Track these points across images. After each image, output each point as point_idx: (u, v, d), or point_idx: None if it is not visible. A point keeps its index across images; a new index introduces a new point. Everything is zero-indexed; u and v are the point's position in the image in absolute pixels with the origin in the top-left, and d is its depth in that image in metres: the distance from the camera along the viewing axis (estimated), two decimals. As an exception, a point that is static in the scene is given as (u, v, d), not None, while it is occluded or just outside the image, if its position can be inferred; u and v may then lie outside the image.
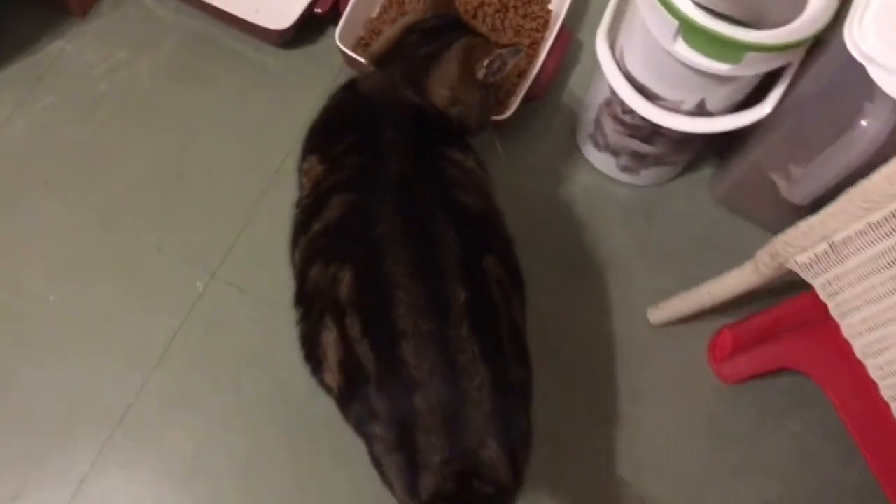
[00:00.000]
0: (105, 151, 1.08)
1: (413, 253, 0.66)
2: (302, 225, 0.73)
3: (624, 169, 1.07)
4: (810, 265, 0.71)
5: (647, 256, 1.06)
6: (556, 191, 1.10)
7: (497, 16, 1.14)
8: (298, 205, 0.77)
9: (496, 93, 0.86)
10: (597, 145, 1.06)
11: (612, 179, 1.10)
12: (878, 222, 0.63)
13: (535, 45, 1.12)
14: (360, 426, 0.69)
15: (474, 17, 1.14)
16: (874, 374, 0.70)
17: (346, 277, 0.66)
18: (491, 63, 0.79)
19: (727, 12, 0.75)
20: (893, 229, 0.62)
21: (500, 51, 0.79)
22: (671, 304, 0.97)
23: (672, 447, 0.98)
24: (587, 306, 1.04)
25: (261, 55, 1.14)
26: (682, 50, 0.77)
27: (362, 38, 1.13)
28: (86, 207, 1.05)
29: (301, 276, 0.72)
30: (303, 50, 1.15)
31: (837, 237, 0.67)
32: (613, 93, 0.92)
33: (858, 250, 0.66)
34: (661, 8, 0.75)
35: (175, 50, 1.14)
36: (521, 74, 1.09)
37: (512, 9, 1.14)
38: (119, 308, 1.00)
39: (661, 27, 0.77)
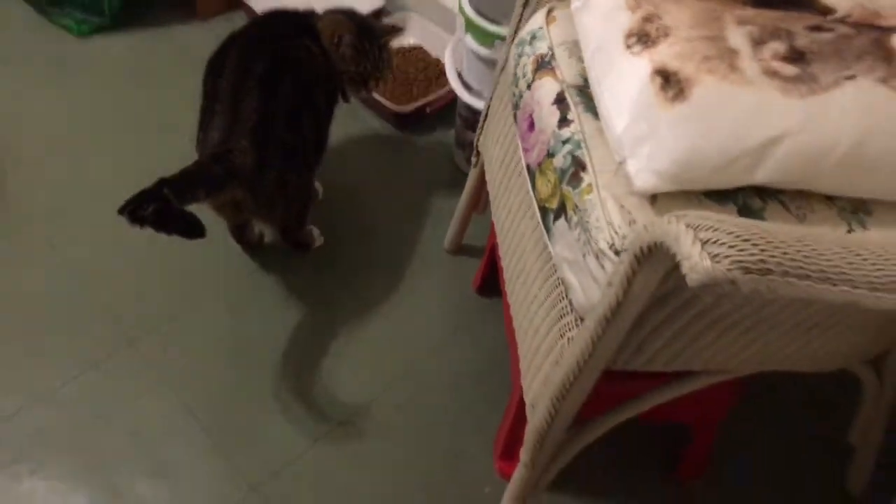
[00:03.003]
0: (177, 74, 1.75)
1: (245, 48, 1.26)
2: None
3: (468, 162, 1.60)
4: (482, 139, 1.21)
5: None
6: (428, 167, 1.67)
7: (430, 78, 1.79)
8: None
9: (350, 64, 1.36)
10: (456, 143, 1.62)
11: (463, 172, 1.63)
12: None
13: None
14: (198, 143, 1.23)
15: (416, 77, 1.79)
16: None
17: (215, 62, 1.27)
18: (338, 39, 1.33)
19: (495, 18, 1.33)
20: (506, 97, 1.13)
21: (343, 35, 1.33)
22: (451, 226, 1.46)
23: (428, 321, 1.42)
24: (414, 233, 1.54)
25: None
26: (468, 40, 1.37)
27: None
28: (155, 102, 1.71)
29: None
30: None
31: (489, 110, 1.18)
32: (457, 95, 1.50)
33: (492, 114, 1.16)
34: (459, 13, 1.36)
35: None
36: (427, 93, 1.70)
37: (435, 80, 1.79)
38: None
39: (460, 25, 1.37)
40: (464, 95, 1.46)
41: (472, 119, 1.51)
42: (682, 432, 1.20)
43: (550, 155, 0.90)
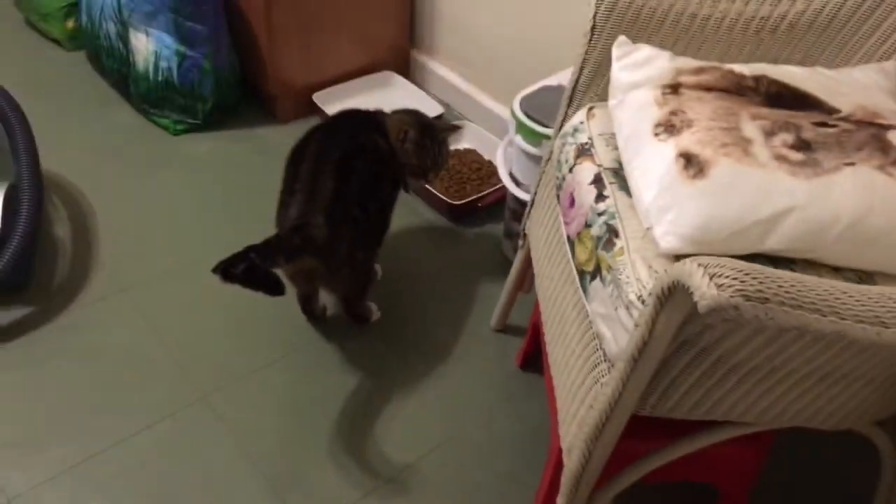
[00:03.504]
0: (257, 168, 1.98)
1: (322, 140, 1.44)
2: None
3: (515, 251, 1.74)
4: (529, 223, 1.35)
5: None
6: (478, 255, 1.81)
7: (482, 177, 1.96)
8: None
9: (413, 158, 1.55)
10: (505, 234, 1.77)
11: (509, 260, 1.76)
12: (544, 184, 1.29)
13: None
14: (278, 219, 1.40)
15: (470, 177, 1.97)
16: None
17: (297, 151, 1.46)
18: (403, 135, 1.52)
19: (543, 120, 1.50)
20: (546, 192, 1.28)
21: (408, 132, 1.53)
22: (498, 305, 1.57)
23: (474, 391, 1.52)
24: (463, 313, 1.67)
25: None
26: (518, 140, 1.53)
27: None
28: (237, 191, 1.93)
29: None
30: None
31: (536, 197, 1.33)
32: (507, 189, 1.66)
33: (538, 202, 1.31)
34: (511, 116, 1.53)
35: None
36: (479, 190, 1.87)
37: (486, 180, 1.96)
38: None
39: (511, 128, 1.55)
40: (513, 189, 1.62)
41: (520, 211, 1.66)
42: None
43: (588, 225, 1.03)
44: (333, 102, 2.13)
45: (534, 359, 1.53)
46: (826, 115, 1.03)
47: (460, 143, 2.07)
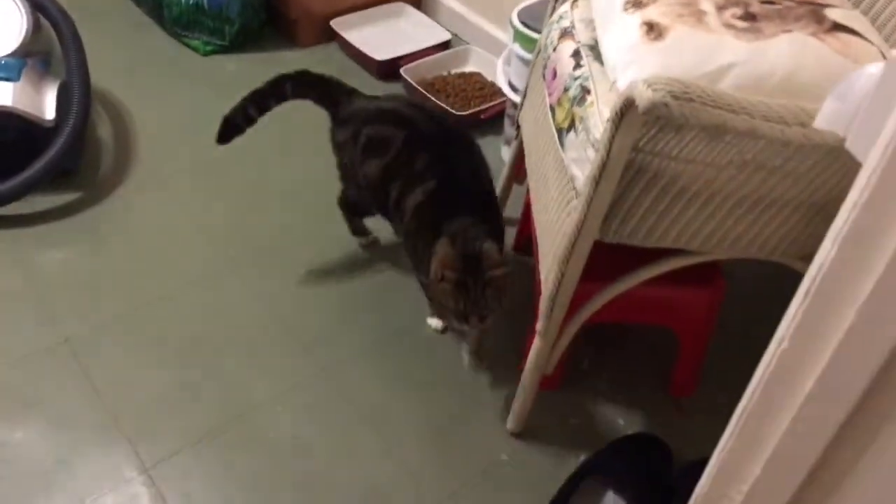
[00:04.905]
0: None
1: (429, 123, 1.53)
2: None
3: (512, 157, 1.92)
4: (522, 112, 1.52)
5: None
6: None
7: (485, 95, 2.13)
8: None
9: (449, 300, 1.31)
10: (505, 141, 1.94)
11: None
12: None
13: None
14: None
15: (474, 95, 2.13)
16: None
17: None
18: (441, 275, 1.30)
19: (538, 28, 1.67)
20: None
21: (446, 273, 1.29)
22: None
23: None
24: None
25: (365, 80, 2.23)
26: (516, 48, 1.70)
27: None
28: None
29: None
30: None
31: (528, 86, 1.50)
32: (507, 99, 1.83)
33: (529, 89, 1.48)
34: (510, 26, 1.70)
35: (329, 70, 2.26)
36: (479, 105, 2.04)
37: (489, 97, 2.13)
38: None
39: (509, 38, 1.71)
40: (511, 95, 1.79)
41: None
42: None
43: (566, 90, 1.21)
44: (350, 29, 2.30)
45: (528, 243, 1.70)
46: (774, -2, 1.19)
47: (466, 67, 2.24)
